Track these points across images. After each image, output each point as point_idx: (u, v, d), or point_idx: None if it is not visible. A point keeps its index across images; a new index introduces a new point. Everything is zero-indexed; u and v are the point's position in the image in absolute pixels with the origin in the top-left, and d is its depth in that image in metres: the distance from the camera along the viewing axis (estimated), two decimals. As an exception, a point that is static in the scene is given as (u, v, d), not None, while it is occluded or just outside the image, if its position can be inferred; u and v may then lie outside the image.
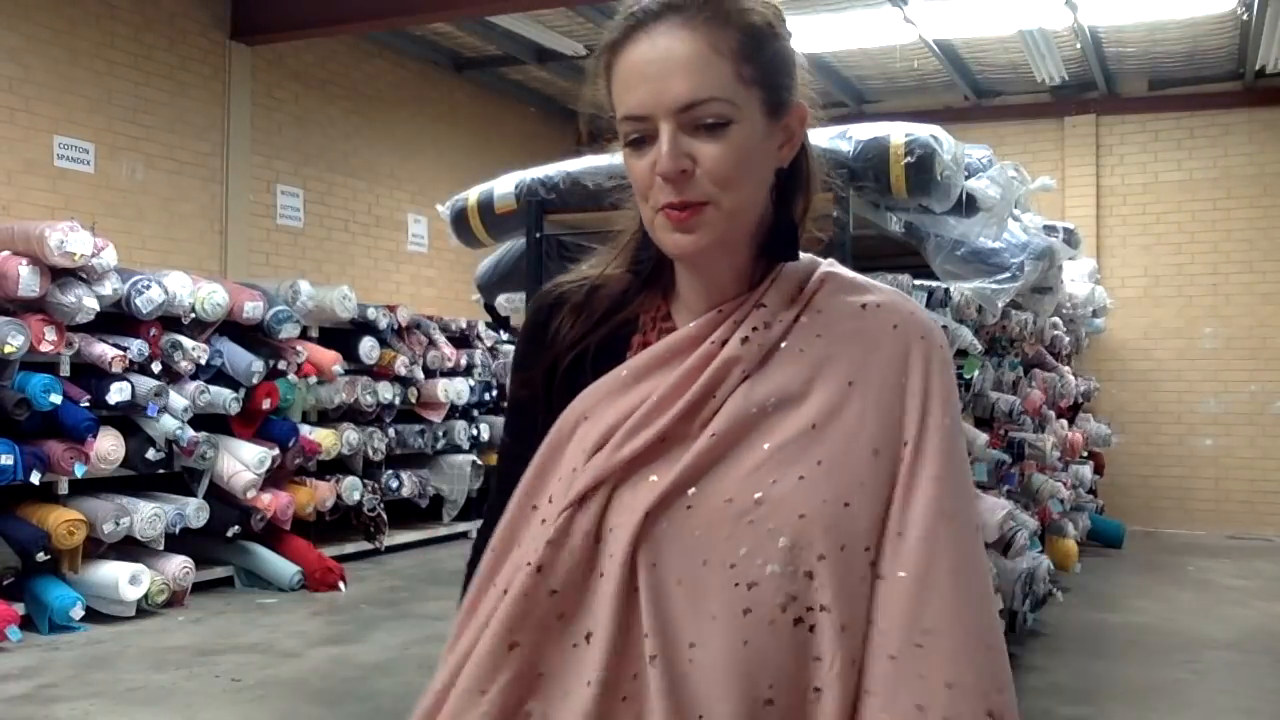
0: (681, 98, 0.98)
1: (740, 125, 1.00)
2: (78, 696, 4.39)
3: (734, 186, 1.01)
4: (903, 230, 3.58)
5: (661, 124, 0.99)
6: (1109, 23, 8.31)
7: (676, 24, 1.00)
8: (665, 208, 1.01)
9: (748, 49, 1.01)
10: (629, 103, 1.01)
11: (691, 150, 0.99)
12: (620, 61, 1.03)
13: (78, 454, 5.61)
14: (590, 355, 1.12)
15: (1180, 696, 4.61)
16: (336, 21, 7.79)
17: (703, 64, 0.99)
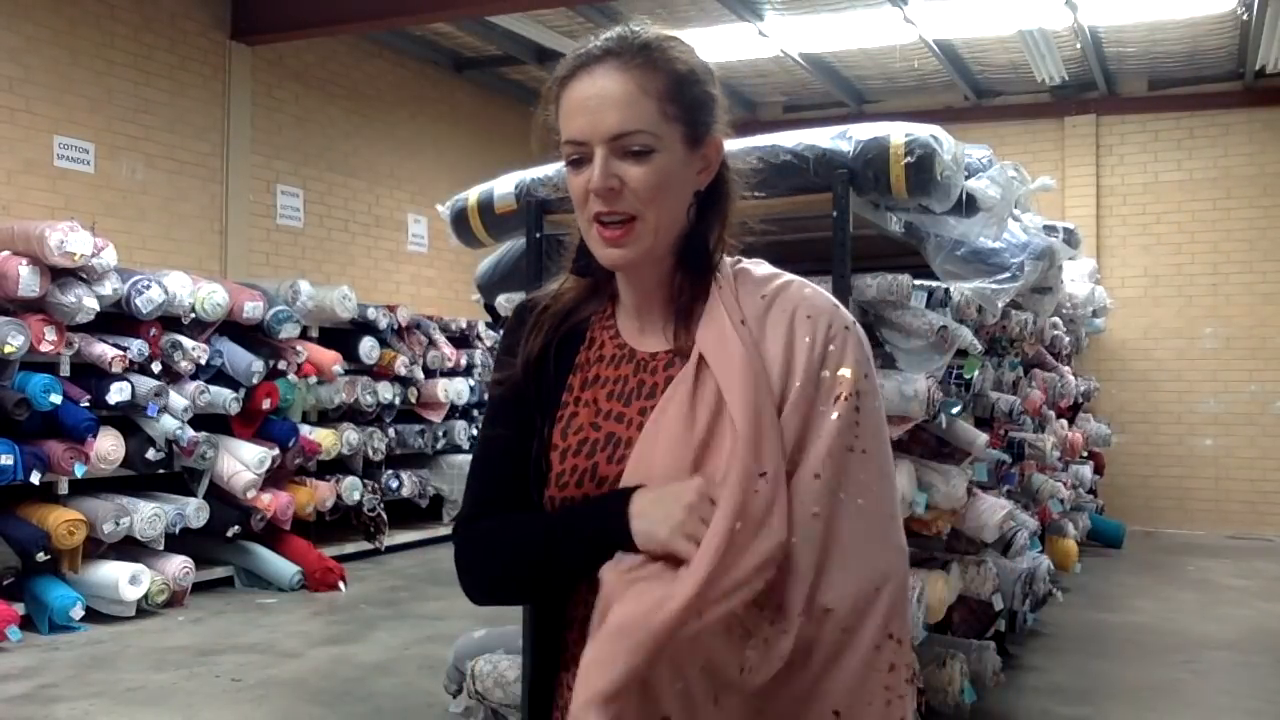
0: (613, 128, 1.19)
1: (661, 154, 1.20)
2: (78, 696, 4.39)
3: (656, 203, 1.21)
4: (903, 230, 3.57)
5: (596, 149, 1.20)
6: (1109, 23, 8.31)
7: (614, 67, 1.21)
8: (597, 218, 1.22)
9: (672, 91, 1.22)
10: (570, 129, 1.22)
11: (620, 172, 1.20)
12: (566, 94, 1.23)
13: (78, 454, 5.61)
14: (552, 353, 1.32)
15: (1180, 696, 4.62)
16: (336, 21, 7.78)
17: (632, 101, 1.19)
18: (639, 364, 1.29)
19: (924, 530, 3.90)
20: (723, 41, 8.73)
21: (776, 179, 3.20)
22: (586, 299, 1.35)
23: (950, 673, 3.88)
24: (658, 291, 1.29)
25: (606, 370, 1.30)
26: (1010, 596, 4.63)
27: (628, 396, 1.27)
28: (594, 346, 1.33)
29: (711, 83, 1.27)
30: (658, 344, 1.30)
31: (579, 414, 1.28)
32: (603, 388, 1.29)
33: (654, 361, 1.29)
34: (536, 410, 1.31)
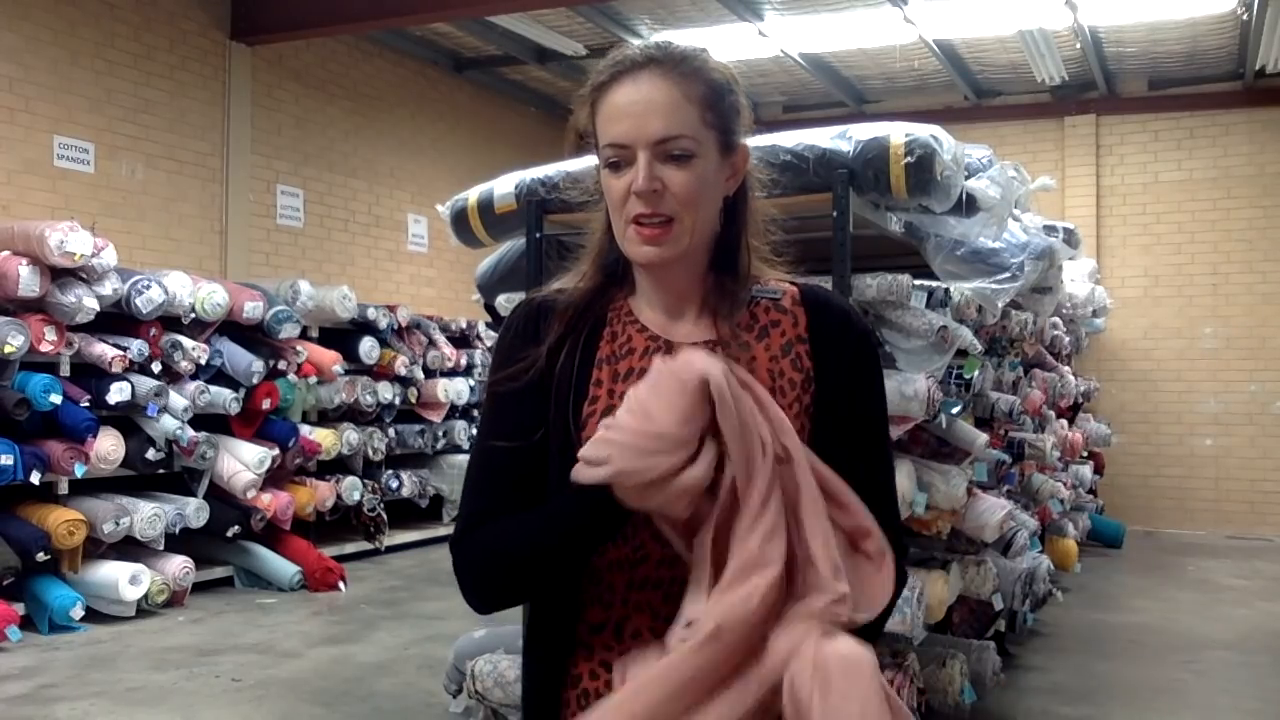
0: (658, 132, 1.23)
1: (701, 159, 1.25)
2: (78, 696, 4.39)
3: (694, 207, 1.25)
4: (902, 230, 3.57)
5: (640, 152, 1.23)
6: (1109, 23, 8.31)
7: (657, 74, 1.25)
8: (637, 219, 1.25)
9: (710, 99, 1.27)
10: (613, 133, 1.25)
11: (662, 175, 1.23)
12: (606, 99, 1.27)
13: (78, 454, 5.61)
14: (578, 349, 1.33)
15: (1180, 696, 4.61)
16: (336, 21, 7.79)
17: (676, 108, 1.24)
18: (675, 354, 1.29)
19: (924, 530, 3.90)
20: (723, 41, 8.72)
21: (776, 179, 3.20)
22: (600, 293, 1.37)
23: (950, 673, 3.88)
24: (690, 290, 1.33)
25: (640, 362, 1.31)
26: (1010, 596, 4.63)
27: None
28: (618, 340, 1.34)
29: (741, 93, 1.31)
30: (694, 335, 1.32)
31: (617, 405, 1.24)
32: (639, 378, 1.25)
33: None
34: (553, 402, 1.31)
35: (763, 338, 1.32)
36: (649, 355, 1.31)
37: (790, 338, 1.32)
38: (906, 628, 3.36)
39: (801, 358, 1.31)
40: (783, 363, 1.31)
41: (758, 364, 1.29)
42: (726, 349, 1.28)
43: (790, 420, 1.22)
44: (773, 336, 1.32)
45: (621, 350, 1.33)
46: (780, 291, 1.36)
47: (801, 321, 1.34)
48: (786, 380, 1.29)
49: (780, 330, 1.33)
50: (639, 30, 8.59)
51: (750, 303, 1.33)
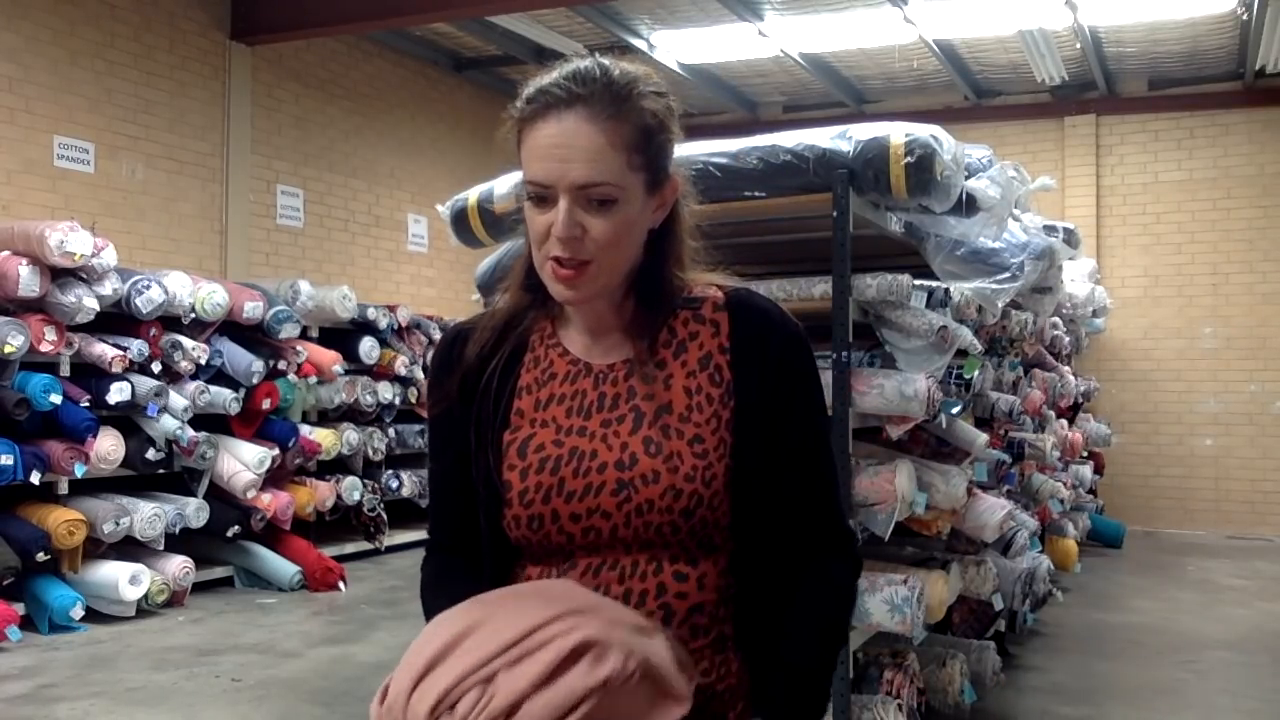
0: (580, 179, 1.19)
1: (624, 204, 1.21)
2: (78, 696, 4.39)
3: (613, 250, 1.22)
4: (902, 230, 3.57)
5: (561, 196, 1.20)
6: (1109, 23, 8.31)
7: (583, 116, 1.20)
8: (554, 260, 1.23)
9: (639, 142, 1.22)
10: (536, 171, 1.22)
11: (583, 220, 1.20)
12: (532, 133, 1.23)
13: (78, 454, 5.61)
14: (496, 369, 1.32)
15: (1180, 696, 4.61)
16: (336, 21, 7.78)
17: (600, 155, 1.19)
18: (597, 377, 1.30)
19: (924, 530, 3.90)
20: (723, 41, 8.73)
21: (776, 179, 3.21)
22: (523, 315, 1.36)
23: (950, 673, 3.88)
24: (610, 316, 1.31)
25: (561, 387, 1.31)
26: (1010, 596, 4.63)
27: (588, 410, 1.28)
28: (540, 365, 1.33)
29: (674, 124, 1.28)
30: (613, 355, 1.31)
31: (537, 434, 1.28)
32: (560, 405, 1.30)
33: (612, 373, 1.30)
34: (473, 428, 1.32)
35: (680, 353, 1.30)
36: (570, 380, 1.31)
37: (709, 349, 1.30)
38: (906, 628, 3.36)
39: (721, 369, 1.29)
40: (700, 377, 1.28)
41: (674, 381, 1.28)
42: (642, 367, 1.28)
43: (709, 437, 1.24)
44: (690, 350, 1.30)
45: (544, 376, 1.32)
46: (701, 299, 1.33)
47: (723, 329, 1.31)
48: (704, 396, 1.27)
49: (699, 343, 1.30)
50: (639, 30, 8.59)
51: (670, 314, 1.32)
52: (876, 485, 3.33)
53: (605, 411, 1.27)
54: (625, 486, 1.23)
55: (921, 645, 3.81)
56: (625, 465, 1.24)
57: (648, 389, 1.27)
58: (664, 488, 1.22)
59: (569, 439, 1.27)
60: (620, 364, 1.30)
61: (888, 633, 3.49)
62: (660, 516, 1.22)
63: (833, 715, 3.25)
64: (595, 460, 1.25)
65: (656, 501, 1.22)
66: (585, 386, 1.30)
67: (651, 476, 1.22)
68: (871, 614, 3.36)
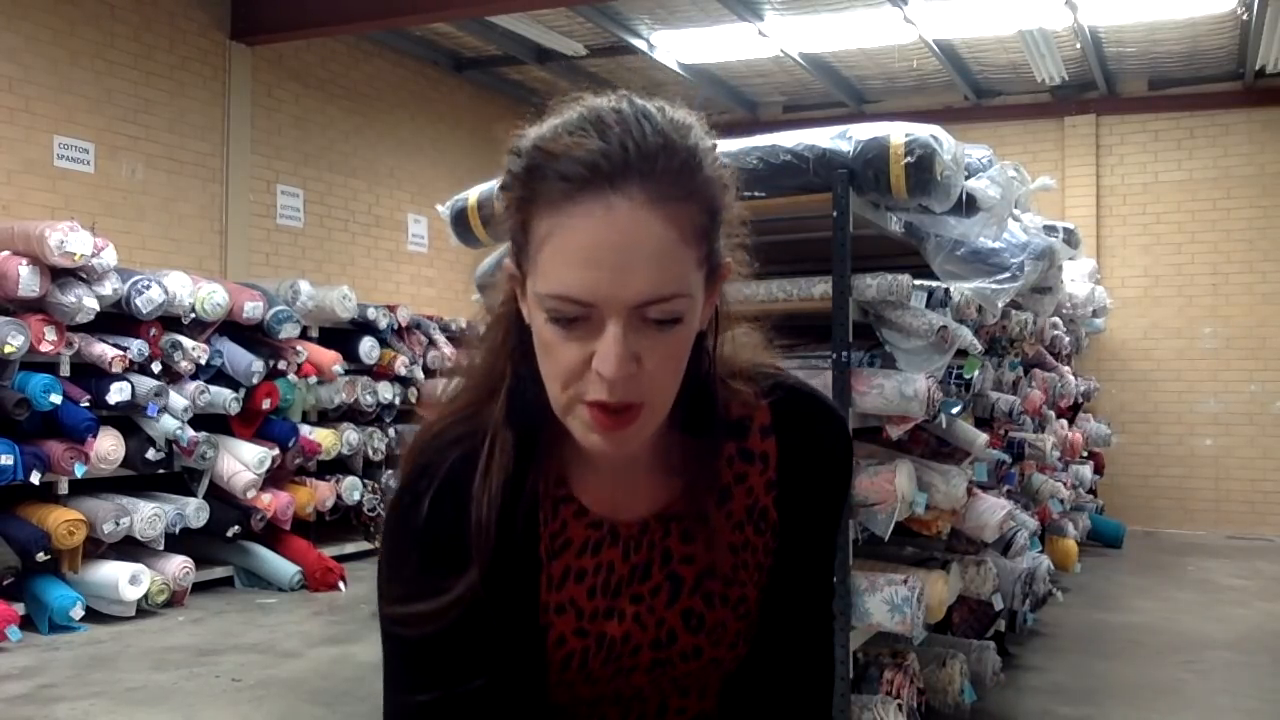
0: (643, 295, 0.84)
1: (691, 315, 0.88)
2: (78, 696, 4.39)
3: (671, 383, 0.90)
4: (902, 230, 3.57)
5: (611, 320, 0.84)
6: (1109, 23, 8.31)
7: (642, 197, 0.83)
8: (595, 406, 0.87)
9: (709, 227, 0.89)
10: (569, 282, 0.84)
11: (640, 350, 0.86)
12: (560, 216, 0.84)
13: (78, 454, 5.61)
14: (515, 561, 1.00)
15: (1180, 696, 4.61)
16: (336, 21, 7.78)
17: (670, 257, 0.84)
18: (627, 544, 1.02)
19: (924, 530, 3.90)
20: (723, 41, 8.73)
21: (776, 179, 3.21)
22: (524, 457, 1.00)
23: (950, 673, 3.89)
24: (638, 453, 0.98)
25: (581, 560, 1.02)
26: (1010, 596, 4.63)
27: (616, 588, 1.02)
28: (549, 527, 1.02)
29: (730, 181, 0.94)
30: (641, 505, 1.02)
31: (554, 624, 1.01)
32: (580, 584, 1.02)
33: (646, 535, 1.02)
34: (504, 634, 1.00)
35: (725, 501, 1.03)
36: (592, 551, 1.02)
37: (757, 493, 1.04)
38: (906, 628, 3.36)
39: (767, 512, 1.04)
40: (747, 530, 1.04)
41: (717, 538, 1.02)
42: (683, 521, 1.02)
43: (751, 593, 1.04)
44: (737, 498, 1.03)
45: (556, 545, 1.02)
46: (748, 422, 1.03)
47: (771, 462, 1.04)
48: (749, 551, 1.04)
49: (746, 487, 1.03)
50: (639, 30, 8.59)
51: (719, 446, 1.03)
52: (876, 485, 3.33)
53: (637, 584, 1.02)
54: (660, 665, 1.04)
55: (921, 645, 3.81)
56: (662, 644, 1.03)
57: (687, 549, 1.02)
58: (706, 661, 1.04)
59: (594, 626, 1.02)
60: (654, 520, 1.02)
61: (888, 633, 3.50)
62: (695, 682, 1.07)
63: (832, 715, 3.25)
64: (627, 645, 1.02)
65: (696, 673, 1.05)
66: (613, 558, 1.02)
67: (692, 652, 1.03)
68: (871, 614, 3.36)
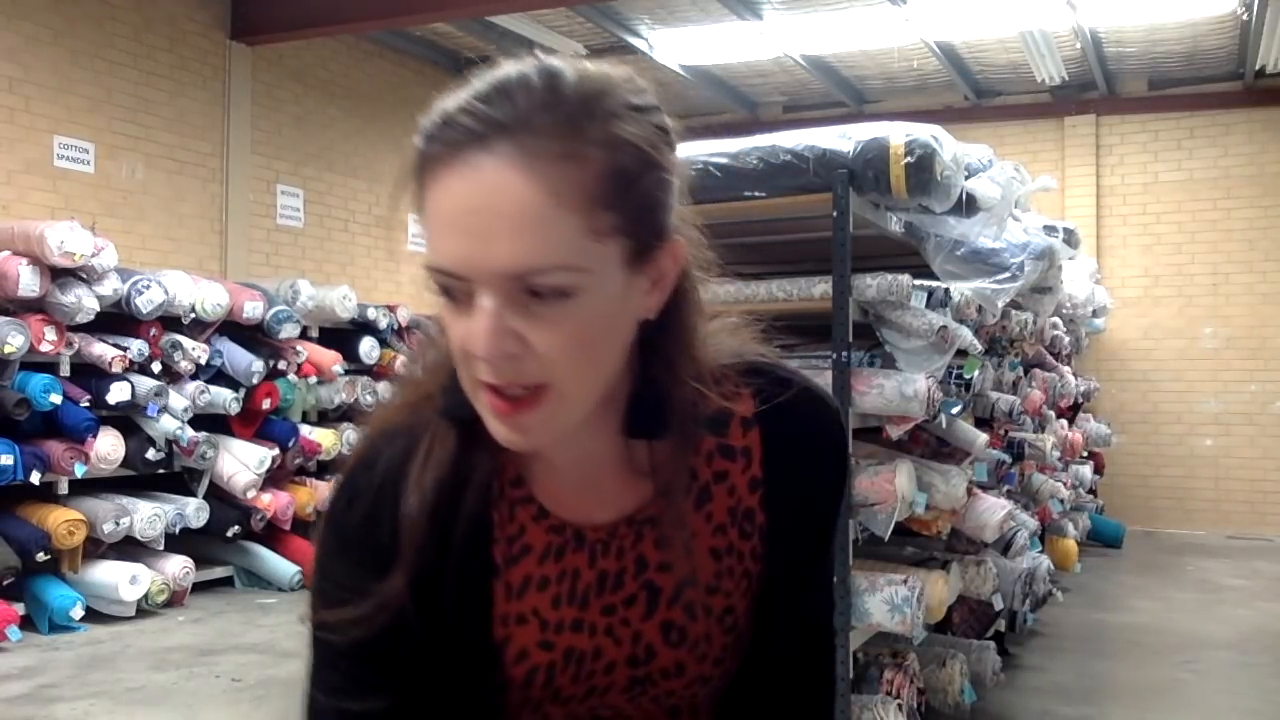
0: (508, 266, 0.74)
1: (589, 292, 0.76)
2: (78, 696, 4.39)
3: (579, 364, 0.79)
4: (903, 230, 3.58)
5: (482, 292, 0.75)
6: (1109, 23, 8.31)
7: (511, 155, 0.73)
8: (487, 388, 0.79)
9: (609, 192, 0.75)
10: (441, 252, 0.76)
11: (520, 328, 0.76)
12: (434, 190, 0.76)
13: (78, 454, 5.61)
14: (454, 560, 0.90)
15: (1180, 696, 4.61)
16: (336, 21, 7.78)
17: (538, 222, 0.73)
18: (593, 549, 0.92)
19: (924, 530, 3.90)
20: (723, 41, 8.73)
21: (776, 179, 3.21)
22: (470, 449, 0.89)
23: (950, 673, 3.89)
24: (604, 452, 0.91)
25: (543, 568, 0.92)
26: (1010, 596, 4.63)
27: (584, 597, 0.92)
28: (506, 530, 0.92)
29: (670, 153, 0.81)
30: (609, 508, 0.92)
31: (514, 636, 0.91)
32: (542, 592, 0.91)
33: (614, 540, 0.92)
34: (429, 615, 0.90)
35: (704, 502, 0.92)
36: (554, 557, 0.91)
37: (740, 493, 0.93)
38: (906, 628, 3.36)
39: (753, 514, 0.93)
40: (730, 533, 0.93)
41: (697, 542, 0.92)
42: (658, 526, 0.91)
43: (739, 603, 0.94)
44: (717, 499, 0.93)
45: (515, 550, 0.92)
46: (728, 417, 0.92)
47: (755, 458, 0.93)
48: (734, 556, 0.93)
49: (727, 486, 0.93)
50: (639, 30, 8.59)
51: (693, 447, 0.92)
52: (876, 485, 3.33)
53: (608, 594, 0.92)
54: (639, 683, 0.93)
55: (921, 645, 3.81)
56: (639, 660, 0.92)
57: (664, 556, 0.91)
58: (690, 679, 0.93)
59: (560, 638, 0.91)
60: (623, 524, 0.92)
61: (888, 633, 3.50)
62: (680, 700, 0.96)
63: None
64: (599, 661, 0.92)
65: (679, 690, 0.94)
66: (579, 564, 0.92)
67: (674, 670, 0.93)
68: (871, 614, 3.36)
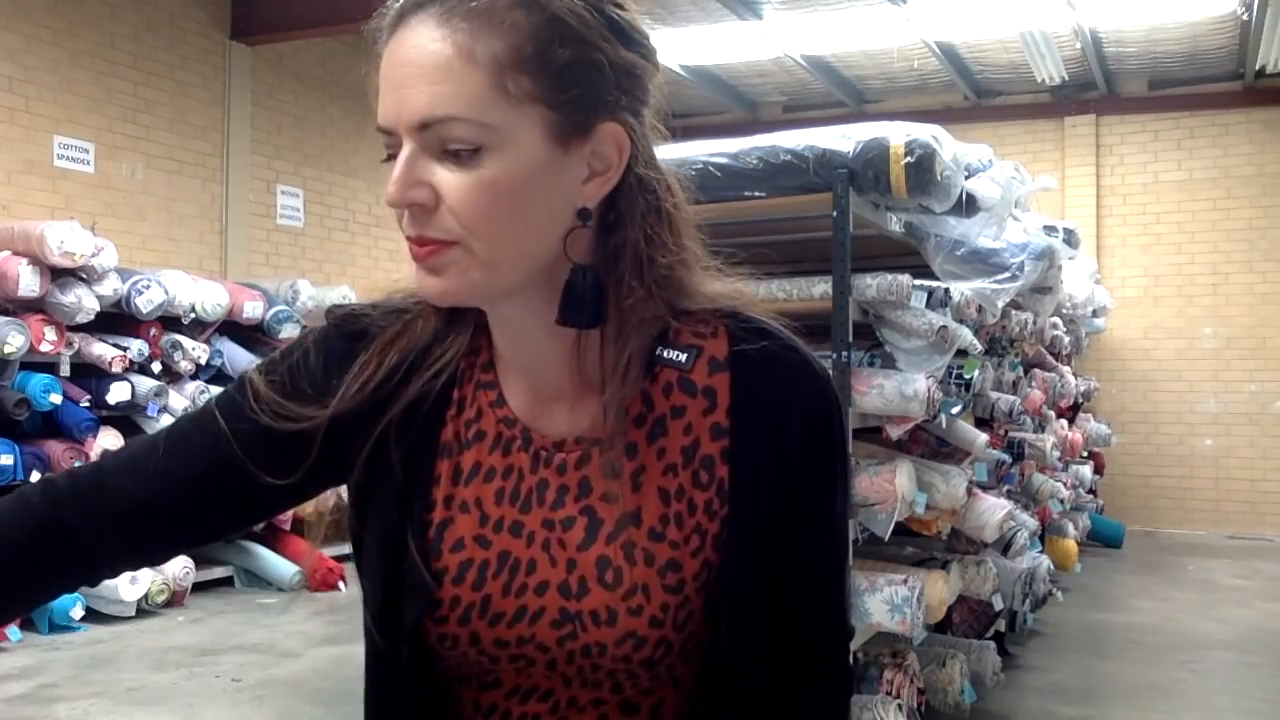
0: (416, 113, 0.79)
1: (500, 153, 0.80)
2: (78, 696, 4.39)
3: (490, 227, 0.81)
4: (903, 230, 3.58)
5: (405, 144, 0.81)
6: (1109, 23, 8.31)
7: (433, 16, 0.80)
8: (409, 240, 0.84)
9: (521, 54, 0.79)
10: (379, 112, 0.83)
11: (431, 179, 0.81)
12: (384, 59, 0.83)
13: (78, 454, 5.61)
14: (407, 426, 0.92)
15: (1180, 696, 4.62)
16: (336, 21, 7.77)
17: (445, 73, 0.79)
18: (537, 455, 0.90)
19: (924, 530, 3.90)
20: (723, 41, 8.73)
21: (776, 179, 3.21)
22: (450, 333, 0.94)
23: (950, 673, 3.88)
24: (549, 344, 0.89)
25: (491, 457, 0.91)
26: (1010, 596, 4.63)
27: (525, 499, 0.90)
28: (464, 414, 0.93)
29: (605, 38, 0.83)
30: (560, 424, 0.91)
31: (456, 521, 0.91)
32: (488, 483, 0.91)
33: (559, 453, 0.90)
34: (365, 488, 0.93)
35: (657, 436, 0.88)
36: (502, 448, 0.91)
37: (698, 434, 0.88)
38: (906, 628, 3.36)
39: (713, 464, 0.88)
40: (683, 475, 0.88)
41: (645, 478, 0.88)
42: (607, 450, 0.87)
43: (687, 562, 0.87)
44: (672, 434, 0.88)
45: (469, 433, 0.92)
46: (695, 350, 0.89)
47: (720, 402, 0.88)
48: (685, 503, 0.88)
49: (684, 423, 0.89)
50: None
51: (650, 374, 0.89)
52: (876, 485, 3.33)
53: (547, 508, 0.89)
54: (570, 620, 0.87)
55: (921, 645, 3.81)
56: (571, 592, 0.87)
57: (609, 486, 0.88)
58: (622, 633, 0.86)
59: (498, 537, 0.90)
60: (571, 444, 0.90)
61: (888, 633, 3.50)
62: (613, 664, 0.87)
63: None
64: (533, 576, 0.88)
65: (610, 648, 0.87)
66: (521, 463, 0.91)
67: (606, 616, 0.86)
68: (871, 614, 3.36)
